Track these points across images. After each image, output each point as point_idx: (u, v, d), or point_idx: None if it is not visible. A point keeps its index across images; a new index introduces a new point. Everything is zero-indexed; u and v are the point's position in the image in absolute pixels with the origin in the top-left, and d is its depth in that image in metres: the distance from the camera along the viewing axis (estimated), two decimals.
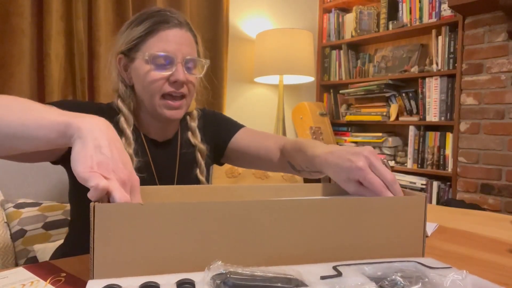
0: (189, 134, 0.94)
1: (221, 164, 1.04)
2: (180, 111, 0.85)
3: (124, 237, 0.45)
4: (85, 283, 0.44)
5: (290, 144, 0.89)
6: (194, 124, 0.95)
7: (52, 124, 0.54)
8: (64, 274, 0.51)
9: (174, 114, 0.84)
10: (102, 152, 0.50)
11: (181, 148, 0.93)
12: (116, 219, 0.45)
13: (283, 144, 0.92)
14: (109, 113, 0.85)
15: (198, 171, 0.92)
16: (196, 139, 0.94)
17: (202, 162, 0.93)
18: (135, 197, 0.52)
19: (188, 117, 0.96)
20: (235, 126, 1.01)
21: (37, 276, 0.50)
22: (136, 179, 0.53)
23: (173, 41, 0.82)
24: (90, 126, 0.52)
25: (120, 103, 0.86)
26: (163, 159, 0.90)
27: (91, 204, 0.44)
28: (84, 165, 0.48)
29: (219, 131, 1.00)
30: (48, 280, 0.49)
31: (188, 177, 0.92)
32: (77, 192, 0.86)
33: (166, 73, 0.82)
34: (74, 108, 0.77)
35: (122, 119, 0.84)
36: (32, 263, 0.59)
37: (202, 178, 0.92)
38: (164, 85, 0.82)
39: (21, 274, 0.51)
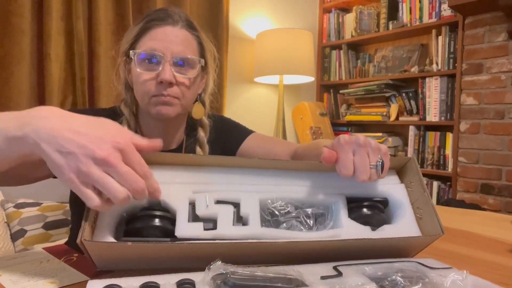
0: (197, 148, 0.89)
1: None
2: (170, 108, 0.79)
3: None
4: (95, 264, 0.47)
5: (305, 145, 0.86)
6: (202, 134, 0.90)
7: (4, 140, 0.44)
8: (76, 255, 0.57)
9: (162, 110, 0.78)
10: (68, 158, 0.42)
11: None
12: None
13: (295, 148, 0.88)
14: (110, 117, 0.84)
15: None
16: (203, 152, 0.89)
17: None
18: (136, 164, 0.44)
19: (199, 128, 0.91)
20: (244, 133, 0.97)
21: (53, 255, 0.57)
22: (127, 145, 0.45)
23: (162, 39, 0.77)
24: (42, 129, 0.43)
25: (122, 106, 0.84)
26: None
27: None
28: (63, 177, 0.42)
29: (228, 141, 0.95)
30: (62, 259, 0.55)
31: None
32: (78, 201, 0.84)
33: (153, 73, 0.77)
34: None
35: (123, 122, 0.82)
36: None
37: None
38: (152, 87, 0.77)
39: (39, 253, 0.58)
